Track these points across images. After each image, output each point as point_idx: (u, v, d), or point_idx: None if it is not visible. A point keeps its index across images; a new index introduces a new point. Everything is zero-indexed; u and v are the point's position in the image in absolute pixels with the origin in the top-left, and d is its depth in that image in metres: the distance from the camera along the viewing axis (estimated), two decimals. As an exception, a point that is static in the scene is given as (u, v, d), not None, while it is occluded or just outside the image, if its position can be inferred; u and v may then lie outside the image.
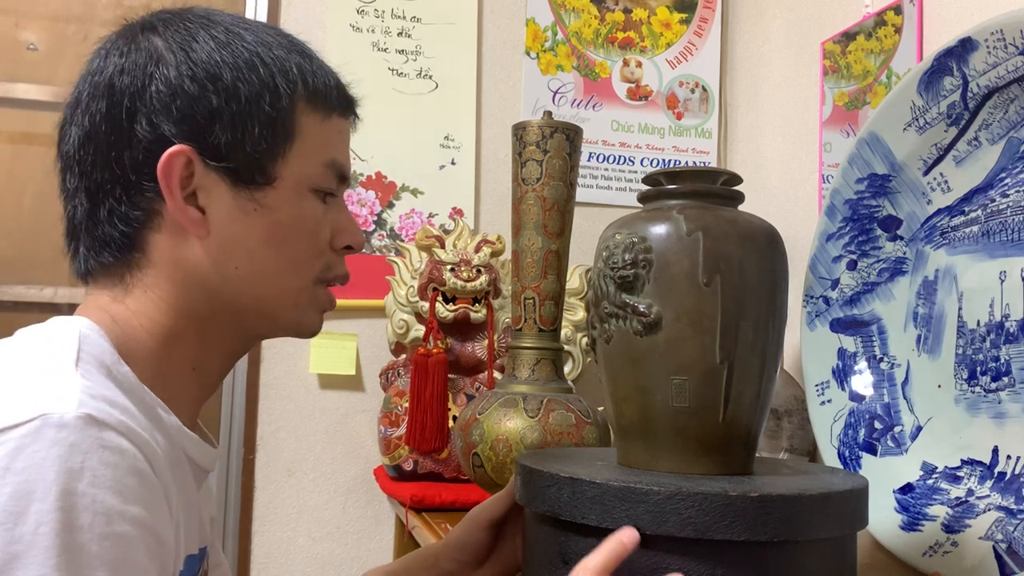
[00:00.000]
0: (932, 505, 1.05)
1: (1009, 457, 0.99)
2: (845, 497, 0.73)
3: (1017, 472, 0.98)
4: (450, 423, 1.54)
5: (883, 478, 1.09)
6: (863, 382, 1.17)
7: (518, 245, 1.27)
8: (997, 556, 0.94)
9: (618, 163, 1.93)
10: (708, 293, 0.76)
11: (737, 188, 0.84)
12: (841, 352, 1.18)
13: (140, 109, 0.67)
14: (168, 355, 0.69)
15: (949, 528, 1.01)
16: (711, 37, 1.97)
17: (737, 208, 0.83)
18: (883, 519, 1.07)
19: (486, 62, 1.89)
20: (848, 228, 1.17)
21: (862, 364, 1.17)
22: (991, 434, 1.01)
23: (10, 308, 1.67)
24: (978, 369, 1.03)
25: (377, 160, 1.81)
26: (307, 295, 0.74)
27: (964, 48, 1.01)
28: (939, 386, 1.08)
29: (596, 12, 1.94)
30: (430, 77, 1.86)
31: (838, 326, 1.19)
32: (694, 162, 1.95)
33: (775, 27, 1.79)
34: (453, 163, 1.86)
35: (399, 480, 1.57)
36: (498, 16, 1.90)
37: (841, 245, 1.18)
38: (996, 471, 1.00)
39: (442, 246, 1.58)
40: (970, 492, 1.02)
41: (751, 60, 1.89)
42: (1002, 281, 1.01)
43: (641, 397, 0.78)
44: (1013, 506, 0.97)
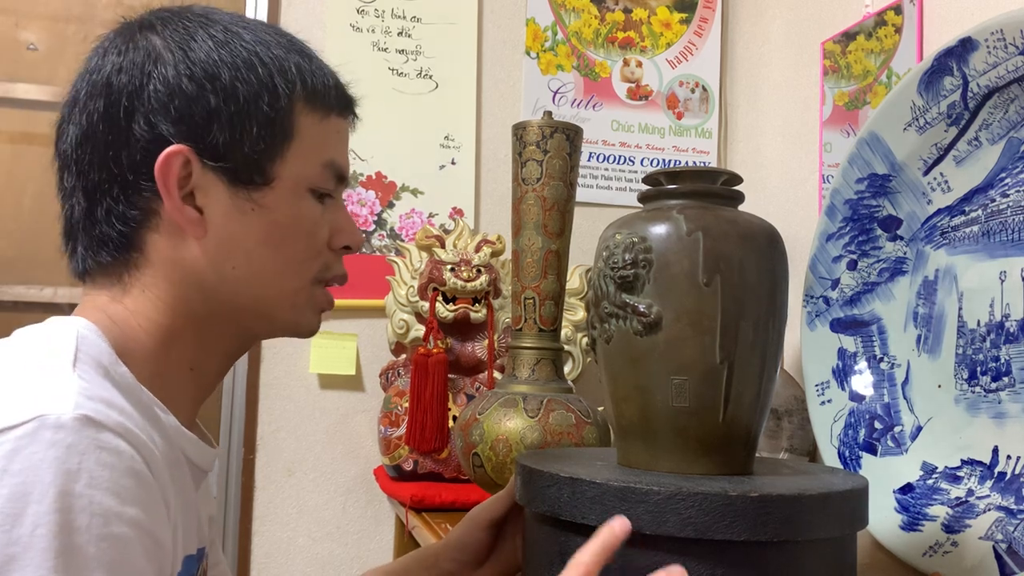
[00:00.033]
0: (932, 505, 1.05)
1: (1009, 457, 0.99)
2: (845, 497, 0.73)
3: (1017, 472, 0.98)
4: (450, 423, 1.54)
5: (883, 478, 1.09)
6: (863, 382, 1.16)
7: (518, 245, 1.26)
8: (997, 556, 0.94)
9: (618, 163, 1.93)
10: (708, 293, 0.76)
11: (737, 188, 0.84)
12: (841, 352, 1.18)
13: (138, 108, 0.67)
14: (166, 355, 0.69)
15: (949, 528, 1.01)
16: (711, 37, 1.97)
17: (737, 208, 0.83)
18: (883, 519, 1.07)
19: (486, 62, 1.89)
20: (848, 228, 1.17)
21: (862, 364, 1.17)
22: (991, 434, 1.01)
23: (10, 308, 1.67)
24: (978, 369, 1.03)
25: (377, 160, 1.81)
26: (305, 295, 0.73)
27: (964, 48, 1.01)
28: (939, 386, 1.08)
29: (596, 12, 1.93)
30: (430, 77, 1.85)
31: (838, 326, 1.18)
32: (694, 162, 1.95)
33: (775, 27, 1.78)
34: (453, 163, 1.85)
35: (399, 480, 1.57)
36: (498, 16, 1.90)
37: (841, 245, 1.18)
38: (996, 471, 1.00)
39: (442, 246, 1.58)
40: (970, 492, 1.02)
41: (751, 60, 1.88)
42: (1002, 281, 1.01)
43: (641, 397, 0.78)
44: (1013, 506, 0.96)
